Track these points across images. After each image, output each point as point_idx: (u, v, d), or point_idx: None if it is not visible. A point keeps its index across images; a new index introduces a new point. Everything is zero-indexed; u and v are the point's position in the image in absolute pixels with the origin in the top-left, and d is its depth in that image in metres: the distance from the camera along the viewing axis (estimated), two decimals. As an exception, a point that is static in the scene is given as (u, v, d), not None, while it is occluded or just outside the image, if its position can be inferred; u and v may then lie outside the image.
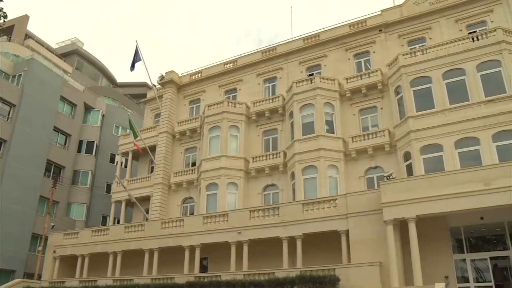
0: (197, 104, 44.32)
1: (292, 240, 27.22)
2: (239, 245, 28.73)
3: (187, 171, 40.29)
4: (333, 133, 33.89)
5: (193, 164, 41.03)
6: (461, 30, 34.28)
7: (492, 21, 33.26)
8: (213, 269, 30.70)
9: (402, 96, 31.62)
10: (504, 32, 29.71)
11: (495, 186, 22.00)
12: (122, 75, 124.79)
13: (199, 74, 45.23)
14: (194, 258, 30.14)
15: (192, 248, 30.47)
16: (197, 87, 44.82)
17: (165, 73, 46.04)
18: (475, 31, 32.55)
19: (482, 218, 23.93)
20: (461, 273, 24.43)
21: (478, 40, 30.23)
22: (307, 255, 26.61)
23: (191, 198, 39.60)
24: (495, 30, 29.96)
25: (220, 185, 35.89)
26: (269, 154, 36.64)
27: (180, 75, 46.11)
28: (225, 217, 30.33)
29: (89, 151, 52.68)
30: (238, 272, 26.66)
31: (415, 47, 34.26)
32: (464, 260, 24.57)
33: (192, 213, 38.17)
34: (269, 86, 41.09)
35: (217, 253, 30.54)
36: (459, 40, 31.09)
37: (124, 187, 39.53)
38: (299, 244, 26.86)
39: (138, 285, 28.21)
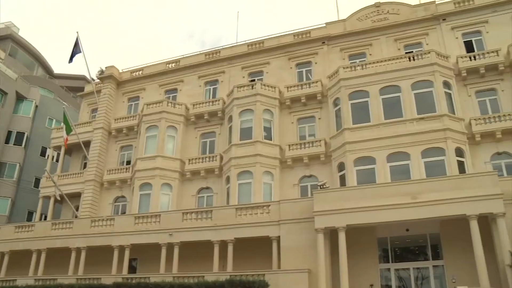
0: (136, 102, 43.49)
1: (223, 244, 27.28)
2: (170, 247, 28.46)
3: (121, 169, 39.42)
4: (271, 140, 34.32)
5: (128, 163, 40.21)
6: (399, 49, 35.89)
7: (427, 44, 35.14)
8: (142, 270, 30.18)
9: (340, 108, 32.58)
10: (437, 55, 31.56)
11: (421, 200, 23.22)
12: (60, 66, 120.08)
13: (140, 72, 44.46)
14: (123, 258, 29.54)
15: (121, 248, 29.85)
16: (137, 84, 44.00)
17: (105, 67, 44.92)
18: (412, 51, 34.29)
19: (407, 230, 25.20)
20: (385, 281, 25.52)
21: (414, 60, 31.87)
22: (238, 259, 26.75)
23: (123, 197, 38.77)
24: (429, 53, 31.72)
25: (154, 186, 35.40)
26: (206, 157, 36.55)
27: (120, 71, 45.12)
28: (157, 218, 29.93)
29: (18, 142, 50.20)
30: (168, 274, 26.38)
31: (356, 62, 35.54)
32: (388, 269, 25.67)
33: (123, 213, 37.37)
34: (210, 89, 41.01)
35: (147, 254, 30.06)
36: (397, 58, 32.69)
37: (54, 182, 38.11)
38: (230, 248, 26.97)
39: (61, 285, 27.03)
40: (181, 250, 28.24)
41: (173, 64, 43.18)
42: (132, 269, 30.77)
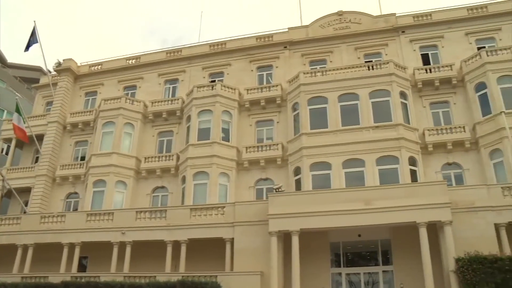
0: (94, 97, 42.58)
1: (177, 245, 27.03)
2: (122, 246, 27.95)
3: (75, 165, 38.48)
4: (228, 141, 34.30)
5: (82, 158, 39.29)
6: (359, 57, 36.70)
7: (386, 54, 36.10)
8: (93, 269, 29.44)
9: (298, 112, 32.93)
10: (395, 66, 32.47)
11: (374, 207, 23.76)
12: (14, 55, 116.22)
13: (99, 66, 43.59)
14: (73, 256, 28.74)
15: (71, 246, 29.04)
16: (95, 79, 43.09)
17: (63, 60, 43.73)
18: (371, 61, 35.13)
19: (360, 236, 25.74)
20: (336, 285, 25.96)
21: (373, 69, 32.62)
22: (191, 260, 26.58)
23: (76, 193, 37.83)
24: (388, 63, 32.58)
25: (108, 183, 34.74)
26: (162, 156, 36.16)
27: (79, 64, 44.06)
28: (110, 216, 29.34)
29: (-35, 133, 48.19)
30: (119, 274, 25.93)
31: (316, 68, 36.07)
32: (340, 273, 26.12)
33: (75, 209, 36.47)
34: (170, 87, 40.64)
35: (98, 252, 29.31)
36: (357, 67, 33.46)
37: (2, 176, 36.79)
38: (183, 248, 26.76)
39: (4, 284, 26.02)
40: (133, 249, 27.78)
41: (133, 61, 42.57)
42: (82, 268, 29.99)
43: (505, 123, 22.24)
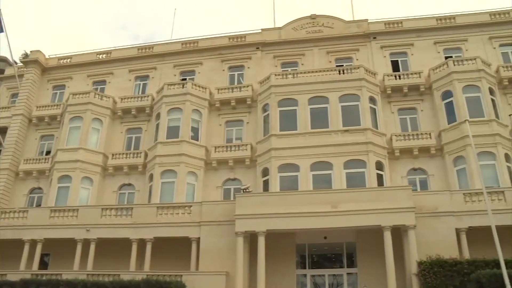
0: (62, 90, 41.70)
1: (142, 243, 26.80)
2: (86, 243, 27.51)
3: (39, 159, 37.60)
4: (197, 140, 34.14)
5: (48, 153, 38.47)
6: (330, 61, 37.09)
7: (357, 59, 36.61)
8: (55, 266, 28.85)
9: (268, 114, 33.05)
10: (365, 71, 32.98)
11: (340, 209, 24.12)
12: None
13: (68, 60, 42.73)
14: (35, 253, 28.02)
15: (33, 243, 28.33)
16: (64, 72, 42.22)
17: (30, 51, 42.79)
18: (342, 65, 35.60)
19: (325, 238, 26.07)
20: (301, 287, 26.21)
21: (343, 73, 33.02)
22: (157, 259, 26.37)
23: (40, 188, 36.95)
24: (358, 68, 33.07)
25: (74, 178, 34.08)
26: (130, 153, 35.72)
27: (47, 56, 43.14)
28: (74, 213, 28.84)
29: None
30: (81, 272, 25.51)
31: (288, 70, 36.23)
32: (305, 275, 26.36)
33: (39, 205, 35.59)
34: (140, 84, 40.16)
35: (61, 250, 28.73)
36: (328, 70, 33.85)
37: (-38, 168, 35.75)
38: (149, 247, 26.54)
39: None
40: (98, 247, 27.38)
41: (104, 55, 41.92)
42: (43, 265, 29.36)
43: (468, 131, 22.78)
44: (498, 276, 18.46)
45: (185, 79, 37.88)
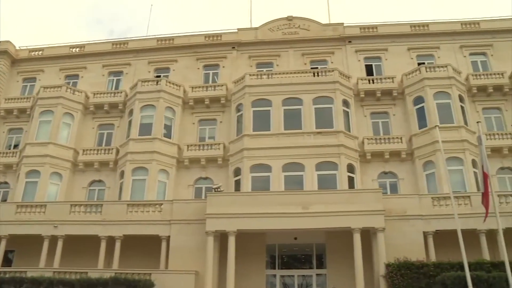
0: (32, 83, 40.78)
1: (111, 240, 26.45)
2: (54, 240, 26.97)
3: (7, 153, 36.69)
4: (170, 138, 33.91)
5: (16, 147, 37.64)
6: (305, 63, 37.34)
7: (332, 62, 36.95)
8: (19, 264, 28.14)
9: (242, 114, 33.06)
10: (340, 74, 33.32)
11: (311, 211, 24.28)
12: None
13: (40, 52, 41.86)
14: (-1, 250, 27.30)
15: (-3, 239, 27.68)
16: (35, 65, 41.32)
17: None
18: (317, 68, 35.86)
19: (296, 239, 26.19)
20: (270, 287, 26.25)
21: (318, 76, 33.30)
22: (126, 257, 26.04)
23: (6, 183, 36.02)
24: (333, 71, 33.43)
25: (42, 174, 33.43)
26: (101, 149, 35.23)
27: (17, 48, 42.17)
28: (42, 208, 28.25)
29: None
30: (47, 269, 24.96)
31: (263, 70, 36.32)
32: (274, 275, 26.46)
33: (5, 200, 34.73)
34: (113, 79, 39.66)
35: (27, 246, 28.07)
36: (302, 72, 34.13)
37: None
38: (118, 245, 26.22)
39: None
40: (65, 244, 26.87)
41: (77, 49, 41.19)
42: (7, 262, 28.63)
43: (438, 137, 23.23)
44: (462, 278, 19.01)
45: (159, 76, 37.58)
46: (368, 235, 24.40)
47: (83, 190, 34.38)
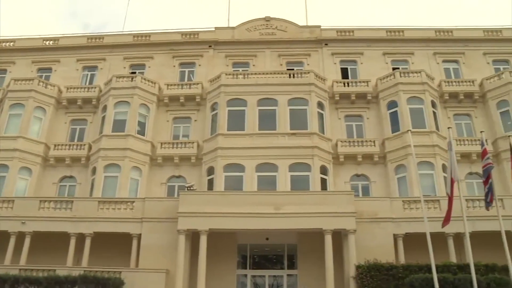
0: (2, 75, 39.61)
1: (81, 237, 26.00)
2: (21, 236, 26.29)
3: (-26, 146, 35.84)
4: (144, 135, 33.61)
5: (-16, 140, 36.69)
6: (281, 64, 37.50)
7: (308, 64, 37.20)
8: (-16, 260, 27.48)
9: (217, 113, 33.01)
10: (315, 76, 33.57)
11: (283, 211, 24.37)
12: None
13: (11, 43, 40.84)
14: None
15: (-40, 235, 26.84)
16: (6, 56, 40.23)
17: (-31, 32, 40.81)
18: (293, 69, 36.05)
19: (267, 239, 26.22)
20: (241, 287, 26.26)
21: (294, 77, 33.47)
22: (96, 255, 25.50)
23: (-27, 177, 35.24)
24: (308, 73, 33.67)
25: (11, 168, 32.67)
26: (73, 145, 34.65)
27: (-14, 38, 41.20)
28: (9, 204, 27.49)
29: None
30: (13, 266, 24.30)
31: (239, 70, 36.33)
32: (245, 275, 26.45)
33: (-29, 194, 33.95)
34: (88, 74, 39.06)
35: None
36: (278, 73, 34.30)
37: None
38: (88, 242, 25.77)
39: None
40: (33, 240, 26.22)
41: (51, 42, 40.44)
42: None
43: (410, 141, 23.58)
44: (429, 280, 19.46)
45: (134, 73, 37.23)
46: (339, 236, 24.61)
47: (53, 186, 33.77)
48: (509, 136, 23.69)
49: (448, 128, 22.53)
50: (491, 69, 36.80)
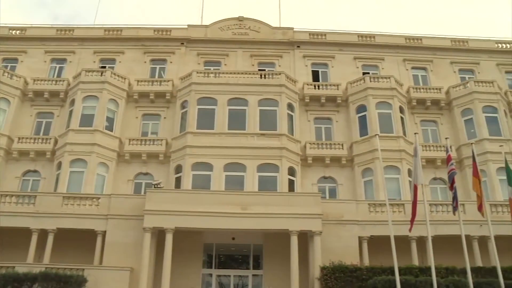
0: (-35, 65, 38.64)
1: (44, 234, 25.38)
2: (-20, 231, 25.54)
3: None
4: (112, 131, 33.12)
5: None
6: (253, 65, 37.57)
7: (279, 65, 37.38)
8: None
9: (187, 111, 32.83)
10: (286, 78, 33.77)
11: (250, 212, 24.39)
12: None
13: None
14: None
15: None
16: (-31, 45, 39.21)
17: None
18: (265, 70, 36.14)
19: (234, 239, 26.22)
20: (206, 286, 26.15)
21: (265, 78, 33.59)
22: (59, 252, 24.81)
23: None
24: (280, 74, 33.80)
25: (-29, 161, 31.79)
26: (39, 138, 33.80)
27: None
28: (-31, 198, 26.72)
29: None
30: (-32, 263, 23.51)
31: (210, 69, 36.22)
32: (211, 275, 26.35)
33: None
34: (56, 66, 38.23)
35: None
36: (250, 73, 34.36)
37: None
38: (50, 238, 25.13)
39: None
40: (-6, 236, 25.51)
41: (18, 32, 39.42)
42: None
43: (378, 145, 23.98)
44: (392, 282, 19.93)
45: (104, 67, 36.64)
46: (305, 237, 24.77)
47: (15, 180, 32.88)
48: (471, 143, 24.36)
49: (415, 133, 22.99)
50: (457, 78, 37.81)
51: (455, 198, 20.71)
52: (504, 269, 20.97)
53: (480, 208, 21.23)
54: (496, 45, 39.77)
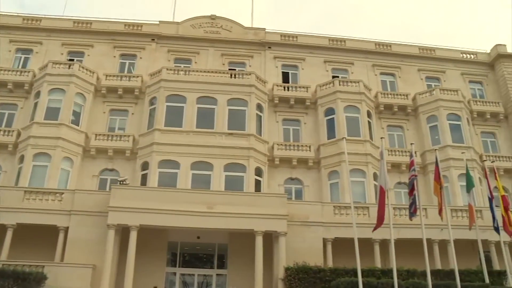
0: None
1: (3, 229, 24.68)
2: None
3: None
4: (78, 125, 32.49)
5: None
6: (224, 64, 37.45)
7: (250, 66, 37.44)
8: None
9: (155, 107, 32.52)
10: (256, 78, 33.81)
11: (216, 211, 24.35)
12: None
13: None
14: None
15: None
16: None
17: None
18: (235, 69, 36.10)
19: (198, 238, 26.16)
20: (170, 285, 25.99)
21: (235, 77, 33.57)
22: (18, 248, 24.11)
23: None
24: (250, 74, 33.85)
25: None
26: (1, 130, 32.74)
27: None
28: None
29: None
30: None
31: (180, 66, 35.94)
32: (175, 273, 26.21)
33: None
34: (21, 57, 37.17)
35: None
36: (220, 72, 34.25)
37: None
38: (9, 233, 24.36)
39: None
40: None
41: (-19, 20, 38.23)
42: None
43: (345, 149, 24.26)
44: (355, 284, 20.17)
45: (72, 60, 35.88)
46: (270, 238, 24.88)
47: (-25, 173, 31.93)
48: (435, 149, 24.97)
49: (381, 138, 23.33)
50: (424, 85, 38.67)
51: (413, 203, 21.18)
52: (461, 272, 21.77)
53: (440, 212, 21.79)
54: (461, 55, 40.94)
